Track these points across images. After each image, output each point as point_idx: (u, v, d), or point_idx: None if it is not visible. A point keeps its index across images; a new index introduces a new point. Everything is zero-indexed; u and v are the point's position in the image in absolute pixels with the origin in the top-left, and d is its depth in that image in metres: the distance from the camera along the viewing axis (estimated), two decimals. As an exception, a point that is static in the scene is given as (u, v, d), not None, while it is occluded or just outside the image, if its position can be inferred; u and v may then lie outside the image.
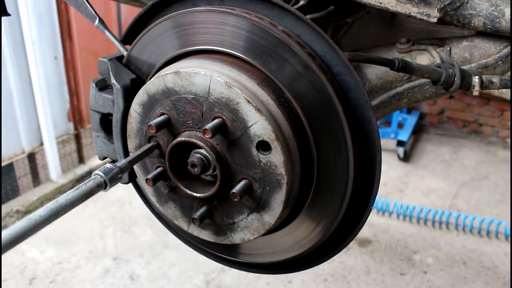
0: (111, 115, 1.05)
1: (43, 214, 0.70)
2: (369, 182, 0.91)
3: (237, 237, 0.95)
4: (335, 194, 0.90)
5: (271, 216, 0.88)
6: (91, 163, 4.95)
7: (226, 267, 1.52)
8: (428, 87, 1.22)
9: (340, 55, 0.85)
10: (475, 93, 1.03)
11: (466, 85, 1.01)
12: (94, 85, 1.04)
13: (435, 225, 4.22)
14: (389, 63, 0.96)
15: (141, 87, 0.94)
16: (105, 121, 1.08)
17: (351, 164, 0.86)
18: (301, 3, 1.10)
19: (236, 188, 0.85)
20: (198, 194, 0.94)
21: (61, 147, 4.69)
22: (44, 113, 4.37)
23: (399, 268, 3.69)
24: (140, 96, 0.94)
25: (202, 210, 0.96)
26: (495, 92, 3.42)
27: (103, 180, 0.82)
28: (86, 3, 1.12)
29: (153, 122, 0.89)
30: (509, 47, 1.10)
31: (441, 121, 6.44)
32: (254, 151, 0.84)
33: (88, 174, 4.44)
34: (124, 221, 4.05)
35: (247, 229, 0.93)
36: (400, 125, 5.71)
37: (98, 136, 1.10)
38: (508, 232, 4.04)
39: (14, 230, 0.65)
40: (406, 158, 5.50)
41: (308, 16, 1.04)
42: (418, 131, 6.28)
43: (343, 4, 1.27)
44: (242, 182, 0.87)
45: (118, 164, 0.86)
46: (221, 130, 0.85)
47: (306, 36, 0.88)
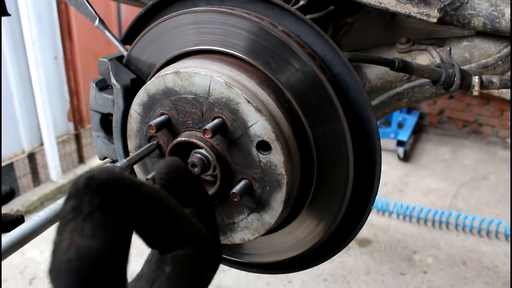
0: (111, 115, 1.05)
1: (43, 215, 0.70)
2: (369, 182, 0.91)
3: (237, 237, 0.95)
4: (335, 194, 0.90)
5: (271, 216, 0.88)
6: (91, 163, 4.96)
7: (226, 267, 1.52)
8: (428, 87, 1.22)
9: (340, 55, 0.85)
10: (475, 93, 1.03)
11: (466, 85, 1.01)
12: (94, 85, 1.04)
13: (435, 225, 4.23)
14: (389, 63, 0.96)
15: (141, 87, 0.94)
16: (105, 121, 1.08)
17: (351, 164, 0.86)
18: (301, 3, 1.10)
19: (236, 188, 0.85)
20: (198, 194, 0.93)
21: (61, 147, 4.70)
22: (44, 113, 4.37)
23: (399, 268, 3.69)
24: (140, 96, 0.94)
25: (202, 210, 0.95)
26: (495, 92, 3.42)
27: (103, 180, 0.82)
28: (86, 3, 1.12)
29: (153, 122, 0.89)
30: (509, 47, 1.10)
31: (441, 121, 6.44)
32: (254, 151, 0.84)
33: (88, 174, 4.43)
34: (124, 221, 4.05)
35: (247, 229, 0.93)
36: (400, 125, 5.72)
37: (98, 136, 1.09)
38: (508, 232, 4.04)
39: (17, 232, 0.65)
40: (406, 158, 5.51)
41: (308, 16, 1.04)
42: (418, 131, 6.28)
43: (343, 4, 1.27)
44: (242, 182, 0.87)
45: (118, 164, 0.86)
46: (221, 130, 0.85)
47: (306, 36, 0.88)
